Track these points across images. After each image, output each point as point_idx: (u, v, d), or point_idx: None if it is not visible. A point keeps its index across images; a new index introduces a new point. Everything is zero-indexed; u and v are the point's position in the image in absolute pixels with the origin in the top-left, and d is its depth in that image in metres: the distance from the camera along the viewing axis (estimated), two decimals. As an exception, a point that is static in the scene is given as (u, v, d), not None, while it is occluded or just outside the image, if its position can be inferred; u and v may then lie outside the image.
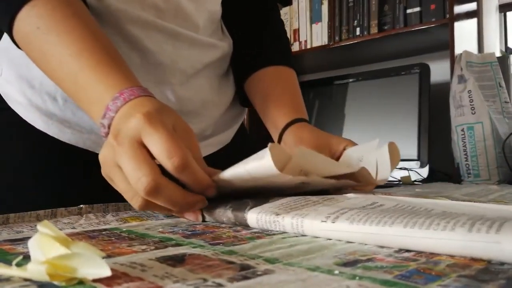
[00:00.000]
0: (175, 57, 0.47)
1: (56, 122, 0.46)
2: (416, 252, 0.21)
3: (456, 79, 1.10)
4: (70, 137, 0.46)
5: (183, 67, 0.48)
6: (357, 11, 1.51)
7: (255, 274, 0.17)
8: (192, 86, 0.49)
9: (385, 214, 0.23)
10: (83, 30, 0.36)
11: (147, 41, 0.45)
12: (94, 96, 0.34)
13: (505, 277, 0.17)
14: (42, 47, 0.36)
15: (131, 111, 0.31)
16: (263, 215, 0.27)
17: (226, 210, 0.30)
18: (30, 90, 0.46)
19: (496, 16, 1.54)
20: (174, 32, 0.46)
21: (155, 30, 0.45)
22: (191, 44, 0.48)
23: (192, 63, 0.49)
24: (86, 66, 0.34)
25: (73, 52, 0.35)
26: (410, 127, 1.40)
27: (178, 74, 0.47)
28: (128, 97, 0.33)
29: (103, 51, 0.35)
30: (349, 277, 0.17)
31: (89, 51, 0.35)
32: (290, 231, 0.26)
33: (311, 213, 0.26)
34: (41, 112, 0.46)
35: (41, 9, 0.36)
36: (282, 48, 0.57)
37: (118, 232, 0.27)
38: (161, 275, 0.17)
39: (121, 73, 0.35)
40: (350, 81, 1.60)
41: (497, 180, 0.98)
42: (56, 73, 0.36)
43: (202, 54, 0.50)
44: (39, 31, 0.36)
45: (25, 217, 0.33)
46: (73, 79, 0.35)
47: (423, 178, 1.31)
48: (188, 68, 0.48)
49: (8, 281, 0.16)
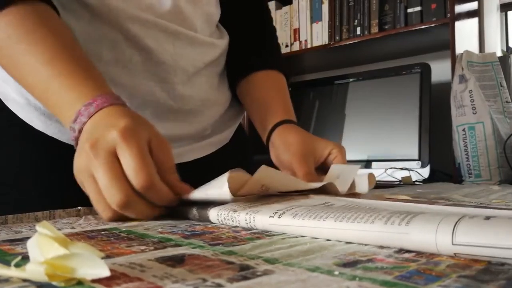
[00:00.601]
0: (176, 56, 0.47)
1: (55, 122, 0.46)
2: (416, 253, 0.21)
3: (457, 78, 1.10)
4: (69, 137, 0.46)
5: (184, 66, 0.48)
6: (358, 11, 1.51)
7: (254, 274, 0.17)
8: (193, 84, 0.50)
9: (325, 210, 0.26)
10: (54, 39, 0.36)
11: (148, 39, 0.44)
12: (65, 102, 0.35)
13: (505, 278, 0.17)
14: (13, 56, 0.36)
15: (107, 121, 0.32)
16: (223, 211, 0.30)
17: (191, 208, 0.32)
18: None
19: (497, 16, 1.54)
20: (175, 31, 0.46)
21: (155, 29, 0.45)
22: (191, 43, 0.48)
23: (193, 62, 0.49)
24: (58, 74, 0.35)
25: (44, 60, 0.35)
26: (411, 127, 1.39)
27: (179, 72, 0.48)
28: (101, 104, 0.33)
29: (75, 59, 0.36)
30: (349, 278, 0.17)
31: (60, 59, 0.35)
32: (244, 226, 0.29)
33: (263, 210, 0.28)
34: (39, 112, 0.46)
35: (11, 18, 0.36)
36: (273, 53, 0.59)
37: (117, 232, 0.27)
38: (161, 276, 0.17)
39: (93, 80, 0.35)
40: (350, 81, 1.60)
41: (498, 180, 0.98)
42: (27, 80, 0.37)
43: (202, 53, 0.50)
44: (10, 40, 0.36)
45: (24, 218, 0.33)
46: (44, 86, 0.35)
47: (424, 178, 1.31)
48: (190, 67, 0.48)
49: (7, 281, 0.16)
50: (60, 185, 0.46)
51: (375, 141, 1.47)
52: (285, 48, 1.68)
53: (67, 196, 0.45)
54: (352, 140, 1.53)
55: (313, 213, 0.26)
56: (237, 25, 0.57)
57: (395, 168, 1.37)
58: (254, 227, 0.28)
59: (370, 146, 1.48)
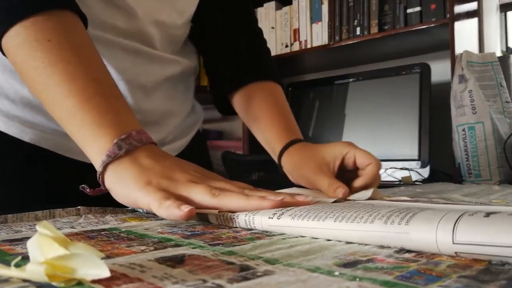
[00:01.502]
0: (136, 72, 0.48)
1: (17, 123, 0.46)
2: (417, 253, 0.21)
3: (456, 79, 1.10)
4: (32, 137, 0.46)
5: (143, 82, 0.49)
6: (357, 11, 1.51)
7: (255, 275, 0.17)
8: (153, 98, 0.51)
9: (324, 211, 0.26)
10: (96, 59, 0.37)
11: (108, 58, 0.45)
12: (106, 119, 0.34)
13: (506, 278, 0.16)
14: (48, 59, 0.35)
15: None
16: (221, 213, 0.30)
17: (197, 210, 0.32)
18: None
19: (497, 16, 1.54)
20: (134, 49, 0.48)
21: (116, 47, 0.46)
22: (150, 60, 0.49)
23: (152, 77, 0.50)
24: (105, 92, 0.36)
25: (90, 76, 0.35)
26: (410, 127, 1.39)
27: (139, 89, 0.49)
28: (151, 139, 0.35)
29: (116, 88, 0.37)
30: (349, 278, 0.17)
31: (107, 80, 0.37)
32: (244, 226, 0.29)
33: (261, 211, 0.29)
34: (1, 114, 0.46)
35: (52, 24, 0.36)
36: (266, 61, 0.58)
37: (117, 233, 0.27)
38: (161, 276, 0.17)
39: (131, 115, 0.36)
40: (350, 81, 1.60)
41: (498, 180, 0.98)
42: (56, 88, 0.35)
43: (162, 69, 0.51)
44: (49, 44, 0.35)
45: (24, 218, 0.33)
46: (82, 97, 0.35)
47: (424, 178, 1.31)
48: (149, 83, 0.50)
49: (6, 282, 0.16)
50: (24, 184, 0.46)
51: (375, 141, 1.47)
52: (285, 48, 1.68)
53: (30, 196, 0.45)
54: (352, 140, 1.53)
55: (312, 214, 0.26)
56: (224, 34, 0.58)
57: (395, 168, 1.37)
58: (254, 228, 0.28)
59: (370, 146, 1.47)
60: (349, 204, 0.31)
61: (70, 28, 0.37)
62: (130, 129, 0.34)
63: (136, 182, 0.32)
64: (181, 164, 0.35)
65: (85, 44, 0.37)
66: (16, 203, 0.43)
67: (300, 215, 0.26)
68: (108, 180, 0.33)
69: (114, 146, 0.33)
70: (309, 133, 1.63)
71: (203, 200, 0.31)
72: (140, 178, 0.32)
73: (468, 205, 0.28)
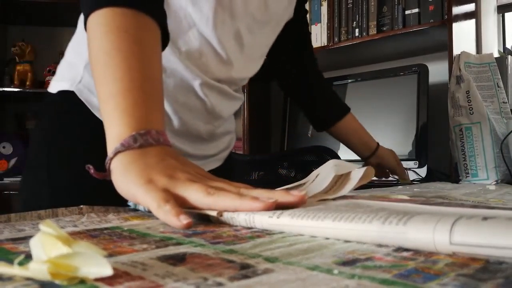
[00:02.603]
0: (221, 108, 0.61)
1: None
2: (415, 251, 0.21)
3: (454, 79, 1.10)
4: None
5: (223, 114, 0.63)
6: (356, 12, 1.51)
7: (255, 273, 0.17)
8: (224, 125, 0.67)
9: (323, 210, 0.26)
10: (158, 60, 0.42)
11: (209, 96, 0.58)
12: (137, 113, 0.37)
13: (503, 276, 0.17)
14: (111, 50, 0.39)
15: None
16: (221, 214, 0.30)
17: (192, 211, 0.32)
18: None
19: (495, 17, 1.54)
20: (226, 92, 0.61)
21: (215, 90, 0.59)
22: (230, 99, 0.63)
23: (228, 111, 0.65)
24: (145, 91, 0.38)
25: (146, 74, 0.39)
26: (408, 127, 1.40)
27: (219, 118, 0.63)
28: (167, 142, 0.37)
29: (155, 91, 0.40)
30: (348, 277, 0.17)
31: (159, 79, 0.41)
32: (244, 225, 0.29)
33: None
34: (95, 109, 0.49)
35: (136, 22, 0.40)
36: (339, 98, 0.93)
37: (120, 231, 0.27)
38: (162, 274, 0.17)
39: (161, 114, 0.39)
40: (349, 82, 1.60)
41: (495, 180, 0.99)
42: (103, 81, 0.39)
43: (235, 105, 0.66)
44: (126, 34, 0.39)
45: (27, 216, 0.33)
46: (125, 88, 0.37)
47: (422, 178, 1.32)
48: (226, 114, 0.64)
49: (10, 280, 0.17)
50: None
51: (373, 142, 1.47)
52: (284, 49, 1.68)
53: None
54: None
55: (312, 213, 0.26)
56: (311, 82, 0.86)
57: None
58: (254, 227, 0.28)
59: (368, 146, 1.48)
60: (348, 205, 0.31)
61: (148, 34, 0.41)
62: (152, 127, 0.36)
63: (137, 178, 0.32)
64: (184, 164, 0.35)
65: (154, 52, 0.41)
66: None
67: (299, 215, 0.26)
68: (113, 166, 0.34)
69: (131, 137, 0.34)
70: (308, 133, 1.64)
71: (198, 199, 0.31)
72: (142, 175, 0.32)
73: (465, 209, 0.28)
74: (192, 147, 0.60)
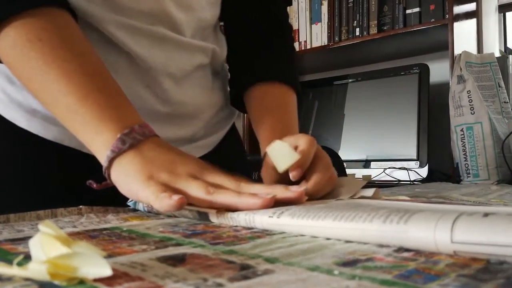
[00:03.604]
0: (165, 60, 0.47)
1: (39, 119, 0.44)
2: (416, 251, 0.21)
3: (455, 79, 1.10)
4: (56, 134, 0.44)
5: (172, 70, 0.48)
6: (357, 12, 1.51)
7: (255, 274, 0.17)
8: (184, 89, 0.50)
9: (323, 210, 0.26)
10: (90, 55, 0.36)
11: (135, 46, 0.44)
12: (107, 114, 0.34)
13: (504, 277, 0.17)
14: (42, 59, 0.35)
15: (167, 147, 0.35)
16: (222, 212, 0.30)
17: (192, 208, 0.32)
18: (9, 86, 0.44)
19: (496, 17, 1.54)
20: (162, 35, 0.46)
21: (142, 35, 0.45)
22: (179, 47, 0.48)
23: (182, 65, 0.49)
24: (102, 88, 0.35)
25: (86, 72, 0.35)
26: (409, 127, 1.40)
27: (168, 78, 0.47)
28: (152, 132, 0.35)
29: (115, 82, 0.36)
30: (349, 277, 0.17)
31: (103, 75, 0.36)
32: (244, 225, 0.29)
33: (261, 210, 0.29)
34: (22, 109, 0.44)
35: (42, 22, 0.36)
36: (285, 63, 0.56)
37: (119, 232, 0.27)
38: (162, 275, 0.17)
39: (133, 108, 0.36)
40: (349, 82, 1.60)
41: (496, 180, 0.99)
42: (53, 85, 0.35)
43: (191, 57, 0.50)
44: (41, 44, 0.35)
45: (26, 217, 0.33)
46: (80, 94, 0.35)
47: (422, 178, 1.32)
48: (178, 71, 0.48)
49: (9, 280, 0.16)
50: (49, 183, 0.45)
51: (374, 141, 1.47)
52: (284, 49, 1.68)
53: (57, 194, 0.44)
54: (351, 140, 1.54)
55: (312, 213, 0.26)
56: (251, 28, 0.56)
57: (394, 168, 1.38)
58: (254, 227, 0.28)
59: (369, 146, 1.48)
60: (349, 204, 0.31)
61: (60, 25, 0.37)
62: (132, 123, 0.34)
63: (138, 176, 0.32)
64: (183, 157, 0.35)
65: (77, 39, 0.37)
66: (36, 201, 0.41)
67: (299, 214, 0.26)
68: (114, 174, 0.34)
69: (118, 141, 0.33)
70: (308, 133, 1.63)
71: (199, 195, 0.31)
72: (143, 172, 0.32)
73: (466, 206, 0.28)
74: None
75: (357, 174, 1.39)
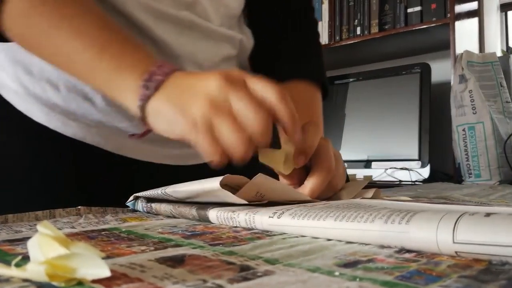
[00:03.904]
0: (192, 48, 0.45)
1: (58, 114, 0.42)
2: (417, 253, 0.21)
3: (457, 78, 1.10)
4: (76, 131, 0.42)
5: (200, 60, 0.46)
6: (358, 11, 1.51)
7: (255, 275, 0.17)
8: None
9: (324, 210, 0.26)
10: (97, 11, 0.35)
11: (161, 32, 0.42)
12: (128, 64, 0.34)
13: (506, 278, 0.16)
14: (48, 22, 0.34)
15: (193, 75, 0.33)
16: (222, 212, 0.30)
17: (191, 209, 0.32)
18: (27, 77, 0.42)
19: (497, 16, 1.54)
20: (190, 22, 0.44)
21: (168, 20, 0.43)
22: (207, 35, 0.46)
23: (209, 55, 0.47)
24: (114, 40, 0.34)
25: (97, 26, 0.34)
26: (410, 127, 1.39)
27: (195, 67, 0.45)
28: (173, 67, 0.33)
29: (124, 30, 0.35)
30: (350, 278, 0.17)
31: (109, 27, 0.35)
32: (244, 226, 0.29)
33: (262, 210, 0.29)
34: (40, 102, 0.42)
35: None
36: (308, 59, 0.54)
37: (118, 233, 0.27)
38: (161, 276, 0.17)
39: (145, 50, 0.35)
40: (350, 81, 1.60)
41: (498, 180, 0.98)
42: (66, 46, 0.34)
43: (219, 47, 0.48)
44: (45, 7, 0.34)
45: (24, 217, 0.33)
46: (96, 49, 0.34)
47: (424, 178, 1.31)
48: (205, 61, 0.46)
49: (7, 281, 0.16)
50: (62, 181, 0.43)
51: (375, 141, 1.47)
52: (285, 48, 1.68)
53: (69, 193, 0.42)
54: (352, 140, 1.54)
55: (313, 213, 0.26)
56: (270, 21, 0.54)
57: (395, 168, 1.37)
58: (254, 227, 0.28)
59: (370, 146, 1.48)
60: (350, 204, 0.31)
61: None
62: (150, 66, 0.33)
63: (179, 123, 0.32)
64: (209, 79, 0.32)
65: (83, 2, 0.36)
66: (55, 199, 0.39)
67: (300, 214, 0.26)
68: (151, 120, 0.33)
69: (142, 88, 0.33)
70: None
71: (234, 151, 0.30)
72: (180, 119, 0.32)
73: (468, 206, 0.28)
74: None
75: (358, 175, 1.39)
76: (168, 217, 0.35)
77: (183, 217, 0.34)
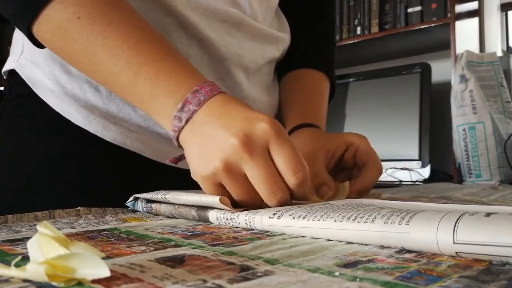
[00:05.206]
0: (239, 50, 0.42)
1: (99, 116, 0.40)
2: (417, 253, 0.21)
3: (457, 78, 1.10)
4: (116, 135, 0.40)
5: (245, 63, 0.43)
6: (358, 10, 1.51)
7: (255, 275, 0.17)
8: (253, 84, 0.45)
9: (324, 210, 0.26)
10: (133, 22, 0.33)
11: (209, 31, 0.40)
12: (162, 90, 0.32)
13: (506, 278, 0.16)
14: (84, 38, 0.32)
15: (229, 110, 0.30)
16: (222, 213, 0.30)
17: (191, 209, 0.32)
18: (64, 76, 0.40)
19: (498, 15, 1.54)
20: (239, 20, 0.42)
21: (216, 18, 0.40)
22: (254, 36, 0.44)
23: (254, 58, 0.44)
24: (147, 60, 0.32)
25: (129, 44, 0.32)
26: (411, 127, 1.39)
27: (241, 70, 0.43)
28: (210, 91, 0.31)
29: (161, 44, 0.33)
30: (350, 279, 0.17)
31: (148, 43, 0.32)
32: (244, 226, 0.29)
33: (262, 211, 0.29)
34: (79, 104, 0.39)
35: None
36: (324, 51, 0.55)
37: (117, 233, 0.27)
38: (161, 276, 0.17)
39: (189, 67, 0.33)
40: (350, 81, 1.59)
41: (498, 180, 0.98)
42: (104, 67, 0.33)
43: (264, 49, 0.45)
44: (80, 21, 0.32)
45: (24, 218, 0.33)
46: (129, 73, 0.32)
47: (424, 179, 1.31)
48: (251, 64, 0.44)
49: (7, 282, 0.16)
50: (102, 188, 0.41)
51: (375, 141, 1.46)
52: (285, 48, 1.68)
53: (109, 198, 0.39)
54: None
55: (313, 213, 0.26)
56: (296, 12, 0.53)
57: (396, 168, 1.37)
58: (254, 228, 0.28)
59: (370, 146, 1.47)
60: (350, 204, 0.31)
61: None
62: (186, 92, 0.31)
63: (194, 167, 0.31)
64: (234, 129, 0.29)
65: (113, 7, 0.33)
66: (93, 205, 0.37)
67: (300, 215, 0.26)
68: (185, 150, 0.32)
69: (175, 119, 0.31)
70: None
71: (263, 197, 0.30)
72: (196, 164, 0.31)
73: (468, 206, 0.28)
74: None
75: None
76: (168, 217, 0.35)
77: (183, 217, 0.34)
